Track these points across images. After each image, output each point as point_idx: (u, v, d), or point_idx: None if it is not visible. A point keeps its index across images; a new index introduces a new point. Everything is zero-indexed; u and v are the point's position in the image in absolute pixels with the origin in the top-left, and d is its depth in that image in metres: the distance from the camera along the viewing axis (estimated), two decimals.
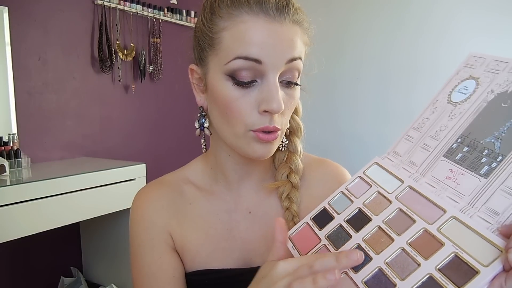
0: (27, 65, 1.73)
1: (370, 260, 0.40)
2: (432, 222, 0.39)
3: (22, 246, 1.66)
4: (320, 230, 0.47)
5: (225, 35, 0.50)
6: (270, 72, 0.49)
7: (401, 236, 0.40)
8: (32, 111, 1.76)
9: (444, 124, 0.46)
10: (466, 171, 0.41)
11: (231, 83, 0.50)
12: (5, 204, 1.25)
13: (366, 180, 0.49)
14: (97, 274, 1.94)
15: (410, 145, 0.48)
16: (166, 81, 2.34)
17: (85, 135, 1.99)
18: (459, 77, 0.47)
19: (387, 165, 0.49)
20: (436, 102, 0.48)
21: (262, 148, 0.52)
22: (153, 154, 2.32)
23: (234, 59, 0.49)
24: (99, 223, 1.79)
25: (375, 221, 0.43)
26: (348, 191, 0.49)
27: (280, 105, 0.49)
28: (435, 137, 0.46)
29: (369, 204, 0.46)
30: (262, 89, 0.50)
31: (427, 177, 0.44)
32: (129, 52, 2.11)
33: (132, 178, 1.69)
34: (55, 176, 1.42)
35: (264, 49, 0.48)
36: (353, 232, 0.44)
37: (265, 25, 0.48)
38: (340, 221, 0.46)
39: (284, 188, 0.60)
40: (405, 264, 0.38)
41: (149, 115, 2.32)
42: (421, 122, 0.49)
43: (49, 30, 1.80)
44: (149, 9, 2.20)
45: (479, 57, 0.46)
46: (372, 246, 0.41)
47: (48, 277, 1.86)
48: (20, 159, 1.60)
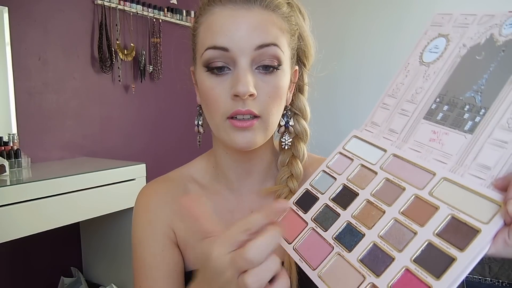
0: (27, 65, 1.73)
1: (363, 236, 0.38)
2: (423, 187, 0.37)
3: (22, 246, 1.66)
4: (305, 213, 0.44)
5: (200, 30, 0.54)
6: (239, 58, 0.50)
7: (392, 207, 0.38)
8: (32, 111, 1.76)
9: (419, 86, 0.44)
10: (450, 130, 0.39)
11: (207, 74, 0.52)
12: (5, 204, 1.25)
13: (347, 155, 0.47)
14: (97, 274, 1.94)
15: (387, 112, 0.46)
16: (166, 81, 2.34)
17: (85, 135, 1.99)
18: (427, 37, 0.45)
19: (366, 137, 0.47)
20: (408, 66, 0.46)
21: (241, 136, 0.51)
22: (153, 154, 2.32)
23: (206, 50, 0.51)
24: (99, 223, 1.79)
25: (362, 195, 0.41)
26: (329, 168, 0.47)
27: (245, 87, 0.48)
28: (412, 100, 0.44)
29: (353, 178, 0.43)
30: (233, 75, 0.51)
31: (409, 142, 0.42)
32: (129, 52, 2.11)
33: (132, 178, 1.69)
34: (55, 176, 1.42)
35: (229, 36, 0.49)
36: (341, 210, 0.41)
37: (231, 12, 0.50)
38: (325, 200, 0.44)
39: (282, 192, 0.59)
40: (400, 235, 0.36)
41: (149, 115, 2.32)
42: (395, 88, 0.46)
43: (49, 30, 1.80)
44: (149, 9, 2.20)
45: (446, 14, 0.45)
46: (363, 222, 0.39)
47: (48, 277, 1.86)
48: (20, 159, 1.60)
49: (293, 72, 0.58)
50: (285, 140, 0.60)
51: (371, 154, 0.44)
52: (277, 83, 0.53)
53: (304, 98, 0.62)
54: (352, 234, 0.39)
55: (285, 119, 0.60)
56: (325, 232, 0.41)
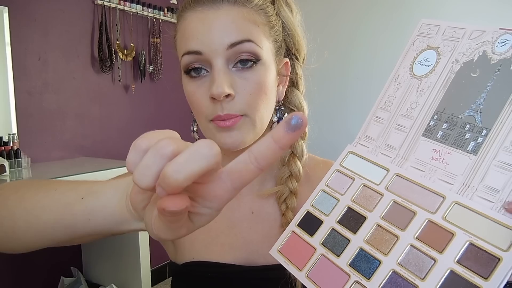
0: (27, 65, 1.73)
1: (380, 263, 0.36)
2: (435, 211, 0.37)
3: None
4: (312, 237, 0.42)
5: (177, 37, 0.54)
6: (213, 59, 0.49)
7: (405, 231, 0.37)
8: (32, 111, 1.76)
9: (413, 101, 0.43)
10: (452, 149, 0.38)
11: (187, 79, 0.53)
12: None
13: (346, 173, 0.45)
14: (97, 274, 1.94)
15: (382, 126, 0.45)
16: (166, 81, 2.34)
17: (85, 135, 1.99)
18: (416, 48, 0.45)
19: (363, 152, 0.45)
20: (399, 78, 0.45)
21: (227, 135, 0.51)
22: None
23: (182, 56, 0.51)
24: None
25: (371, 218, 0.40)
26: (329, 187, 0.45)
27: (220, 88, 0.48)
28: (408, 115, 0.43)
29: (358, 199, 0.42)
30: (210, 77, 0.51)
31: (410, 160, 0.41)
32: (129, 52, 2.11)
33: None
34: (55, 176, 1.42)
35: (200, 39, 0.49)
36: (351, 234, 0.40)
37: (199, 15, 0.50)
38: (331, 223, 0.42)
39: (283, 192, 0.58)
40: (419, 262, 0.35)
41: (149, 115, 2.32)
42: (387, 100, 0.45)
43: (49, 30, 1.80)
44: (149, 9, 2.20)
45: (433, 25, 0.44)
46: (377, 247, 0.37)
47: (48, 277, 1.86)
48: (20, 159, 1.60)
49: (283, 65, 0.56)
50: None
51: (372, 173, 0.43)
52: (258, 78, 0.51)
53: (299, 93, 0.60)
54: (367, 261, 0.38)
55: (278, 115, 0.58)
56: (338, 258, 0.39)
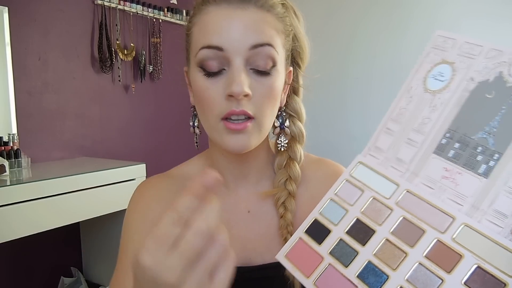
0: (27, 65, 1.73)
1: (388, 278, 0.37)
2: (444, 231, 0.38)
3: (22, 246, 1.66)
4: (319, 245, 0.43)
5: (194, 30, 0.53)
6: (233, 58, 0.49)
7: (414, 249, 0.38)
8: (32, 111, 1.76)
9: (426, 116, 0.43)
10: (463, 170, 0.39)
11: (201, 74, 0.51)
12: (5, 204, 1.25)
13: (355, 183, 0.45)
14: (97, 274, 1.94)
15: (392, 139, 0.45)
16: (166, 81, 2.34)
17: (85, 135, 1.99)
18: (430, 61, 0.44)
19: (372, 164, 0.45)
20: (411, 90, 0.45)
21: (234, 139, 0.51)
22: (153, 154, 2.32)
23: (200, 49, 0.50)
24: (99, 223, 1.79)
25: (380, 232, 0.40)
26: (338, 197, 0.45)
27: (240, 86, 0.48)
28: (419, 130, 0.43)
29: (367, 211, 0.42)
30: (228, 75, 0.50)
31: (421, 176, 0.41)
32: (129, 52, 2.11)
33: (132, 178, 1.69)
34: (55, 176, 1.42)
35: (224, 35, 0.49)
36: (359, 246, 0.40)
37: (225, 11, 0.50)
38: (340, 234, 0.42)
39: (281, 195, 0.59)
40: (427, 280, 0.36)
41: (149, 115, 2.32)
42: (399, 112, 0.45)
43: (49, 30, 1.80)
44: (149, 9, 2.20)
45: (448, 38, 0.44)
46: (385, 262, 0.38)
47: (48, 277, 1.86)
48: (20, 159, 1.60)
49: (287, 73, 0.58)
50: (281, 141, 0.59)
51: (382, 186, 0.43)
52: (272, 84, 0.52)
53: (299, 99, 0.62)
54: (376, 274, 0.38)
55: (280, 120, 0.59)
56: (346, 269, 0.40)
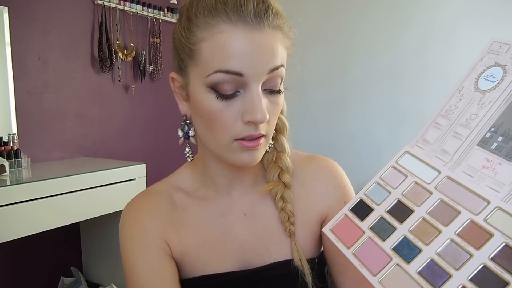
0: (27, 65, 1.73)
1: (420, 251, 0.41)
2: (478, 213, 0.41)
3: (22, 246, 1.66)
4: (362, 221, 0.47)
5: (203, 46, 0.48)
6: (252, 83, 0.48)
7: (448, 227, 0.41)
8: (32, 111, 1.76)
9: (474, 112, 0.46)
10: (504, 160, 0.42)
11: (213, 96, 0.49)
12: (5, 204, 1.26)
13: (400, 169, 0.49)
14: (97, 274, 1.94)
15: (440, 132, 0.49)
16: (166, 81, 2.34)
17: (85, 135, 1.99)
18: (483, 64, 0.47)
19: (418, 154, 0.49)
20: (463, 89, 0.48)
21: (247, 155, 0.51)
22: (153, 154, 2.32)
23: (215, 72, 0.47)
24: (99, 223, 1.79)
25: (418, 212, 0.44)
26: (383, 181, 0.50)
27: (264, 115, 0.48)
28: (467, 125, 0.46)
29: (408, 194, 0.47)
30: (245, 100, 0.48)
31: (462, 166, 0.45)
32: (129, 52, 2.12)
33: (132, 178, 1.69)
34: (55, 176, 1.42)
35: (245, 61, 0.46)
36: (397, 223, 0.45)
37: (244, 34, 0.46)
38: (381, 212, 0.47)
39: (277, 189, 0.59)
40: (457, 255, 0.39)
41: (149, 115, 2.32)
42: (449, 109, 0.49)
43: (49, 30, 1.81)
44: (149, 9, 2.20)
45: (503, 43, 0.46)
46: (419, 237, 0.42)
47: (48, 277, 1.86)
48: (20, 159, 1.60)
49: None
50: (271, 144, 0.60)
51: (425, 173, 0.47)
52: (281, 102, 0.53)
53: None
54: (409, 247, 0.42)
55: None
56: (383, 242, 0.44)
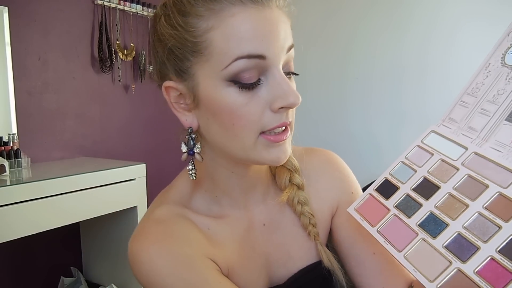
0: (27, 65, 1.73)
1: (446, 226, 0.41)
2: (506, 186, 0.40)
3: (22, 246, 1.66)
4: (387, 200, 0.47)
5: (213, 35, 0.43)
6: (273, 66, 0.44)
7: (475, 201, 0.41)
8: (32, 111, 1.76)
9: (501, 88, 0.45)
10: None
11: (235, 89, 0.43)
12: (5, 204, 1.25)
13: (426, 148, 0.49)
14: (97, 274, 1.94)
15: (466, 110, 0.48)
16: None
17: (85, 135, 1.99)
18: (510, 39, 0.46)
19: (445, 132, 0.49)
20: (489, 66, 0.47)
21: (276, 151, 0.47)
22: (153, 154, 2.32)
23: (235, 60, 0.42)
24: (99, 223, 1.79)
25: (444, 188, 0.44)
26: (408, 160, 0.49)
27: (297, 97, 0.44)
28: (494, 101, 0.45)
29: (434, 172, 0.46)
30: (270, 86, 0.44)
31: (490, 141, 0.44)
32: (129, 52, 2.11)
33: (132, 178, 1.69)
34: (55, 176, 1.42)
35: (265, 41, 0.42)
36: (423, 200, 0.44)
37: (257, 13, 0.42)
38: (406, 190, 0.46)
39: (293, 195, 0.56)
40: (484, 227, 0.39)
41: (149, 115, 2.32)
42: (475, 87, 0.48)
43: (49, 30, 1.80)
44: (149, 9, 2.20)
45: None
46: (446, 213, 0.42)
47: (48, 277, 1.86)
48: (20, 159, 1.60)
49: None
50: None
51: (451, 150, 0.47)
52: (295, 86, 0.48)
53: None
54: (436, 223, 0.42)
55: None
56: (409, 219, 0.44)
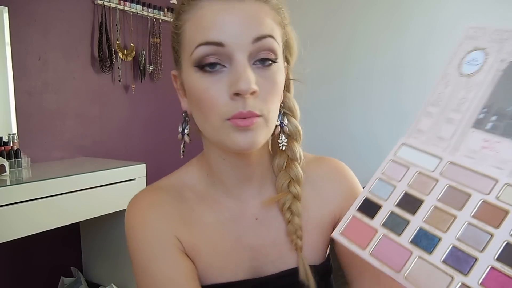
0: (27, 65, 1.73)
1: (440, 240, 0.40)
2: (488, 192, 0.41)
3: (22, 246, 1.66)
4: (372, 219, 0.46)
5: (186, 27, 0.49)
6: (236, 53, 0.46)
7: (462, 211, 0.41)
8: (32, 111, 1.76)
9: (463, 96, 0.46)
10: (502, 138, 0.42)
11: (199, 74, 0.48)
12: (5, 204, 1.25)
13: (400, 162, 0.49)
14: (97, 274, 1.94)
15: (433, 120, 0.48)
16: (166, 81, 2.34)
17: (85, 135, 1.99)
18: (463, 49, 0.48)
19: (415, 144, 0.49)
20: (447, 76, 0.49)
21: (242, 136, 0.48)
22: (153, 154, 2.32)
23: (197, 47, 0.47)
24: (99, 223, 1.79)
25: (428, 201, 0.44)
26: (385, 175, 0.49)
27: (248, 83, 0.45)
28: (458, 110, 0.46)
29: (414, 185, 0.46)
30: (231, 73, 0.47)
31: (461, 150, 0.45)
32: (129, 52, 2.11)
33: (132, 178, 1.69)
34: (55, 176, 1.42)
35: (224, 29, 0.46)
36: (410, 216, 0.44)
37: (222, 5, 0.46)
38: (390, 207, 0.46)
39: (285, 200, 0.57)
40: (477, 237, 0.39)
41: (149, 115, 2.32)
42: (437, 97, 0.49)
43: (49, 30, 1.80)
44: (149, 9, 2.20)
45: (479, 28, 0.48)
46: (436, 226, 0.41)
47: (48, 277, 1.86)
48: (20, 159, 1.60)
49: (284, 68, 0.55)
50: (282, 141, 0.57)
51: (425, 161, 0.47)
52: (275, 78, 0.49)
53: (291, 96, 0.59)
54: (428, 238, 0.41)
55: (280, 119, 0.56)
56: (399, 237, 0.43)
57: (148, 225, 0.55)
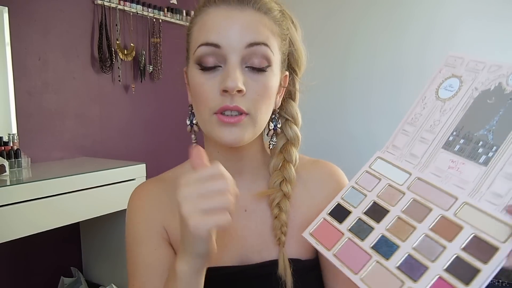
0: (27, 65, 1.73)
1: (398, 248, 0.44)
2: (447, 209, 0.44)
3: (22, 246, 1.66)
4: (340, 224, 0.50)
5: (194, 29, 0.56)
6: (230, 55, 0.52)
7: (422, 223, 0.44)
8: (32, 111, 1.76)
9: (437, 119, 0.51)
10: (466, 160, 0.46)
11: (198, 70, 0.54)
12: (5, 204, 1.25)
13: (374, 173, 0.53)
14: (97, 274, 1.94)
15: (408, 138, 0.53)
16: (166, 81, 2.34)
17: (85, 135, 1.99)
18: (442, 76, 0.53)
19: (389, 158, 0.53)
20: (425, 99, 0.54)
21: (227, 131, 0.53)
22: (153, 154, 2.32)
23: (198, 46, 0.53)
24: (99, 223, 1.79)
25: (393, 211, 0.47)
26: (358, 185, 0.53)
27: (234, 82, 0.50)
28: (431, 130, 0.51)
29: (382, 196, 0.50)
30: (223, 72, 0.53)
31: (430, 167, 0.49)
32: (129, 52, 2.12)
33: (132, 178, 1.69)
34: (55, 176, 1.42)
35: (222, 33, 0.52)
36: (375, 223, 0.47)
37: (224, 12, 0.53)
38: (358, 214, 0.50)
39: (276, 196, 0.60)
40: (431, 248, 0.42)
41: (149, 115, 2.32)
42: (414, 117, 0.54)
43: (49, 30, 1.81)
44: (149, 9, 2.20)
45: (458, 57, 0.53)
46: (396, 235, 0.45)
47: (48, 277, 1.86)
48: (20, 159, 1.60)
49: (283, 76, 0.60)
50: (273, 142, 0.62)
51: (396, 175, 0.51)
52: (266, 82, 0.54)
53: (295, 104, 0.64)
54: (387, 245, 0.45)
55: (274, 124, 0.61)
56: (362, 242, 0.47)
57: (140, 212, 0.62)
